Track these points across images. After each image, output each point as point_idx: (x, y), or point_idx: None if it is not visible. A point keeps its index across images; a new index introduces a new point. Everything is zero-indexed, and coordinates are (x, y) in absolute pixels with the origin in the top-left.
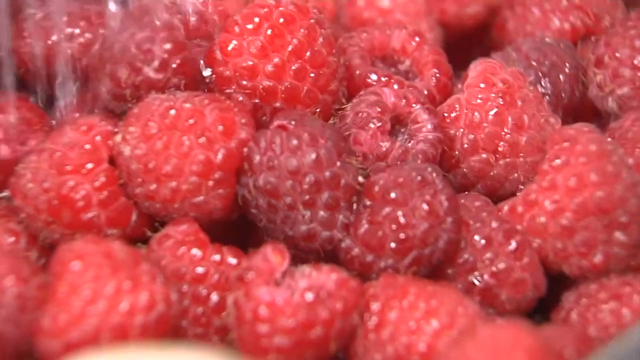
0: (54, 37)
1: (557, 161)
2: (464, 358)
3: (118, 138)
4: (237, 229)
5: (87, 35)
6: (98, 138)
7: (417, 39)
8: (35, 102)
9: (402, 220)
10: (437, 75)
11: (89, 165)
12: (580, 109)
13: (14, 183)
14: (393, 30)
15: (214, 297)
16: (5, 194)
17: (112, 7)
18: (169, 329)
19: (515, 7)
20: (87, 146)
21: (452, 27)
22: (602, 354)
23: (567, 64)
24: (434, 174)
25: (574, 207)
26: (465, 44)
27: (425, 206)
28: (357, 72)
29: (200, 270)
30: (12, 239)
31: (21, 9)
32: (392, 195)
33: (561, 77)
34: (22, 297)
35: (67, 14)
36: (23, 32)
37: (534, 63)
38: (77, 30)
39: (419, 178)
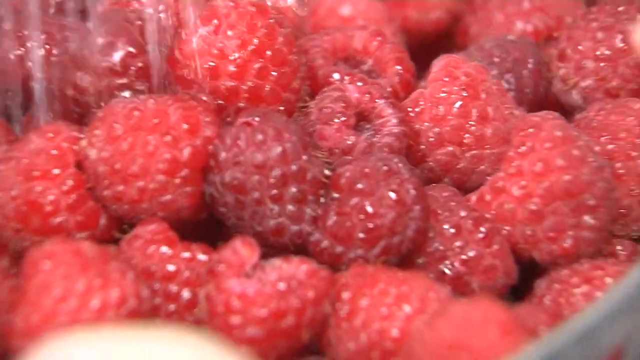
0: (17, 51)
1: (523, 147)
2: (435, 334)
3: (84, 142)
4: (206, 228)
5: (48, 46)
6: (64, 144)
7: (378, 38)
8: (2, 115)
9: (369, 209)
10: (400, 72)
11: (56, 171)
12: (544, 104)
13: None
14: (354, 31)
15: (186, 294)
16: None
17: (73, 18)
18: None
19: (478, 11)
20: (54, 152)
21: (415, 34)
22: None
23: (530, 60)
24: (400, 164)
25: (541, 192)
26: (428, 50)
27: (392, 195)
28: (320, 71)
29: (170, 267)
30: None
31: None
32: (359, 185)
33: (524, 72)
34: None
35: (31, 27)
36: None
37: (496, 59)
38: (38, 43)
39: (385, 168)
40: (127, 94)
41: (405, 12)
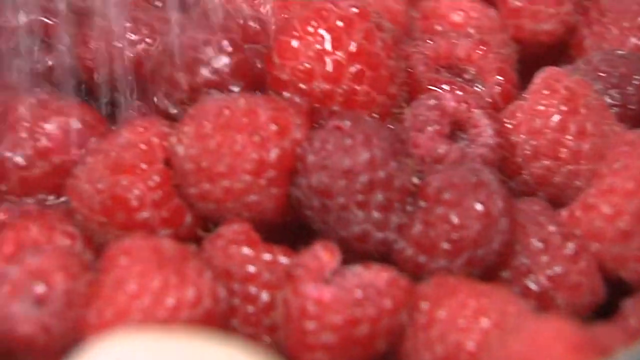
0: (117, 44)
1: (616, 164)
2: (504, 350)
3: (173, 139)
4: (290, 231)
5: (148, 40)
6: (154, 139)
7: (482, 47)
8: (97, 108)
9: (455, 220)
10: (501, 82)
11: (143, 166)
12: None
13: (70, 185)
14: (459, 38)
15: (265, 296)
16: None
17: (174, 13)
18: (216, 326)
19: (593, 24)
20: (143, 146)
21: (527, 44)
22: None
23: (637, 76)
24: (490, 176)
25: (632, 211)
26: (540, 61)
27: (479, 207)
28: (420, 78)
29: (251, 269)
30: (68, 241)
31: (85, 15)
32: (446, 195)
33: (629, 88)
34: (70, 293)
35: (130, 21)
36: (86, 38)
37: (602, 74)
38: (139, 37)
39: (474, 179)
40: (220, 92)
41: (519, 21)
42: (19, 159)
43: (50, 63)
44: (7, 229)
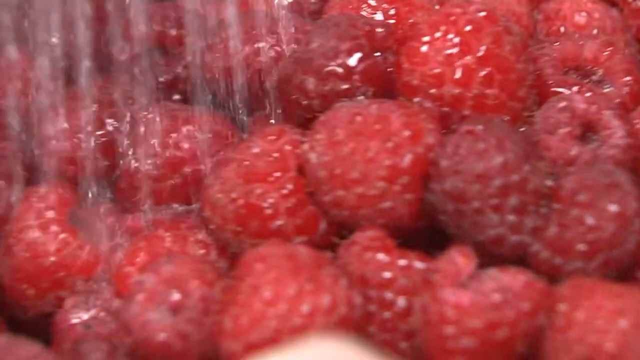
0: (245, 52)
1: None
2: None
3: (305, 146)
4: (423, 235)
5: (277, 48)
6: (286, 147)
7: (609, 48)
8: (227, 116)
9: (590, 222)
10: (630, 83)
11: (277, 174)
12: None
13: (203, 194)
14: (585, 40)
15: (401, 301)
16: (195, 206)
17: (300, 20)
18: (351, 332)
19: None
20: (275, 155)
21: None
22: None
23: None
24: (623, 177)
25: None
26: None
27: (613, 208)
28: (549, 81)
29: (386, 275)
30: (202, 251)
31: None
32: (580, 197)
33: None
34: (206, 300)
35: (258, 29)
36: (214, 48)
37: None
38: (266, 45)
39: (607, 180)
40: (350, 98)
41: None
42: (151, 170)
43: (178, 73)
44: (141, 239)
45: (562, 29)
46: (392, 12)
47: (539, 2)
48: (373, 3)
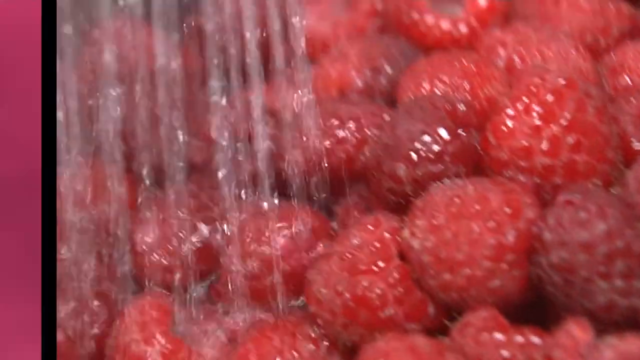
0: (325, 143)
1: None
2: None
3: (406, 233)
4: (530, 309)
5: (358, 136)
6: (386, 235)
7: None
8: (317, 209)
9: None
10: None
11: (381, 264)
12: None
13: (307, 290)
14: None
15: None
16: (299, 301)
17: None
18: None
19: None
20: (376, 244)
21: None
22: None
23: None
24: None
25: None
26: None
27: None
28: (632, 139)
29: (505, 353)
30: (312, 346)
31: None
32: None
33: None
34: None
35: (337, 118)
36: (289, 141)
37: None
38: (347, 133)
39: None
40: (442, 180)
41: None
42: (248, 270)
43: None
44: (247, 341)
45: (628, 80)
46: (466, 86)
47: (601, 55)
48: (446, 79)
